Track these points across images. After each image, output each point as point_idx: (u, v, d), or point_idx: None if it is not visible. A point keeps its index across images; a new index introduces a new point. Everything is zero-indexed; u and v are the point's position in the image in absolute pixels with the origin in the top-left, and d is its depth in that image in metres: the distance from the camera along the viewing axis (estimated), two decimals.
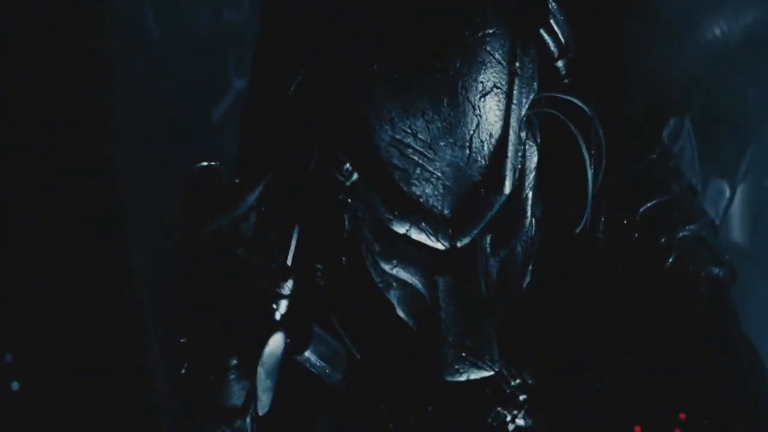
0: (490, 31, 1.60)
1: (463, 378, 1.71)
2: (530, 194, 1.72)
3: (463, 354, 1.70)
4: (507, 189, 1.64)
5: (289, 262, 1.71)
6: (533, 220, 1.74)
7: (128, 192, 2.54)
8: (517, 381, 1.83)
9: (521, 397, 1.84)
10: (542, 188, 1.76)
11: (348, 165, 1.67)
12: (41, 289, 2.27)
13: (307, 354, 1.70)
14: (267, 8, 1.91)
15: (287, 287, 1.65)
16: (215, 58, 2.81)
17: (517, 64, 1.62)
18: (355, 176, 1.68)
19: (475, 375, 1.71)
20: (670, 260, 1.78)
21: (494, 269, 1.72)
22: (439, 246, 1.66)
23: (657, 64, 2.15)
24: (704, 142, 2.47)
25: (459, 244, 1.66)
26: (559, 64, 1.74)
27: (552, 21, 1.70)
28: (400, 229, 1.66)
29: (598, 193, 1.76)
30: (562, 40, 1.71)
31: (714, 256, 1.81)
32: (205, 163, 1.69)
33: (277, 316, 1.64)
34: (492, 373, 1.72)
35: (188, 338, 1.71)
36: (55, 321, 2.18)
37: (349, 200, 1.72)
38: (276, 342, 1.64)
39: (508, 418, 1.84)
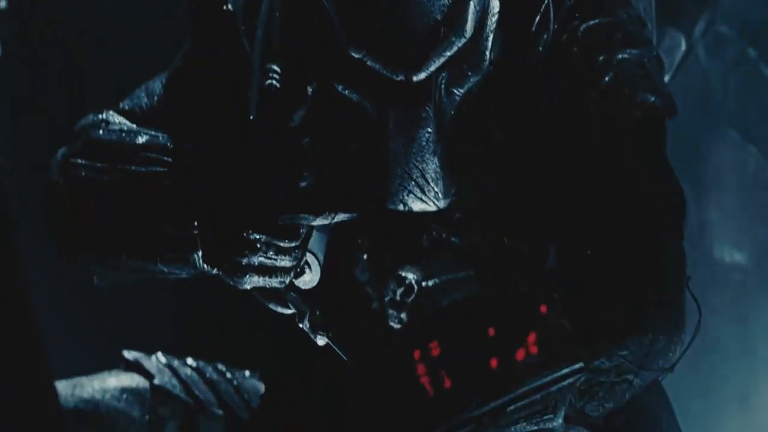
0: None
1: (406, 209, 1.74)
2: (490, 37, 1.73)
3: (408, 186, 1.73)
4: (468, 32, 1.66)
5: None
6: (491, 61, 1.75)
7: None
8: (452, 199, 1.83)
9: (456, 216, 1.84)
10: (502, 28, 1.75)
11: None
12: None
13: None
14: None
15: None
16: None
17: None
18: None
19: (418, 207, 1.75)
20: (606, 79, 1.77)
21: (449, 108, 1.73)
22: (394, 77, 1.67)
23: None
24: None
25: (414, 78, 1.67)
26: None
27: None
28: (356, 53, 1.67)
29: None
30: None
31: (652, 84, 1.80)
32: None
33: None
34: (435, 209, 1.75)
35: None
36: None
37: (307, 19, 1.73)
38: None
39: (444, 235, 1.84)
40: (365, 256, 1.86)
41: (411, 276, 1.82)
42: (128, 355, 2.20)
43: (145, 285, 2.17)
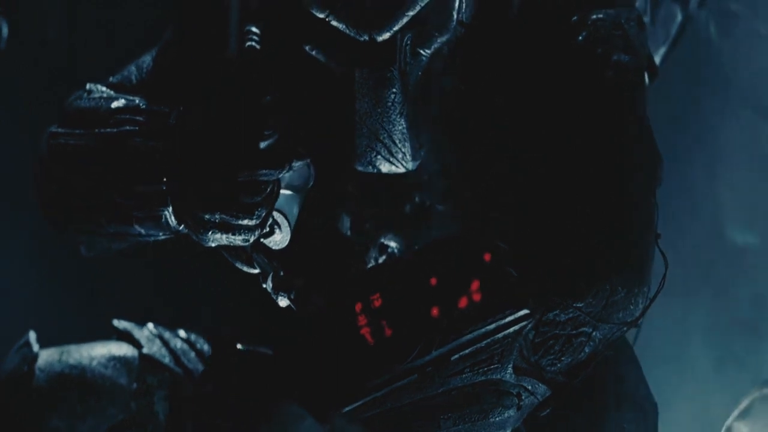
0: None
1: (374, 170, 1.77)
2: None
3: (376, 147, 1.75)
4: None
5: None
6: (459, 23, 1.76)
7: None
8: (436, 167, 1.84)
9: (439, 183, 1.85)
10: None
11: None
12: None
13: None
14: None
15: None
16: None
17: None
18: None
19: (386, 169, 1.77)
20: (580, 38, 1.76)
21: (416, 69, 1.75)
22: (358, 37, 1.69)
23: None
24: None
25: (378, 38, 1.69)
26: None
27: None
28: (320, 13, 1.69)
29: None
30: None
31: (627, 45, 1.78)
32: None
33: None
34: (404, 170, 1.77)
35: None
36: None
37: None
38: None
39: (427, 203, 1.85)
40: (348, 224, 1.86)
41: (393, 244, 1.85)
42: (119, 324, 2.22)
43: (139, 259, 2.21)
